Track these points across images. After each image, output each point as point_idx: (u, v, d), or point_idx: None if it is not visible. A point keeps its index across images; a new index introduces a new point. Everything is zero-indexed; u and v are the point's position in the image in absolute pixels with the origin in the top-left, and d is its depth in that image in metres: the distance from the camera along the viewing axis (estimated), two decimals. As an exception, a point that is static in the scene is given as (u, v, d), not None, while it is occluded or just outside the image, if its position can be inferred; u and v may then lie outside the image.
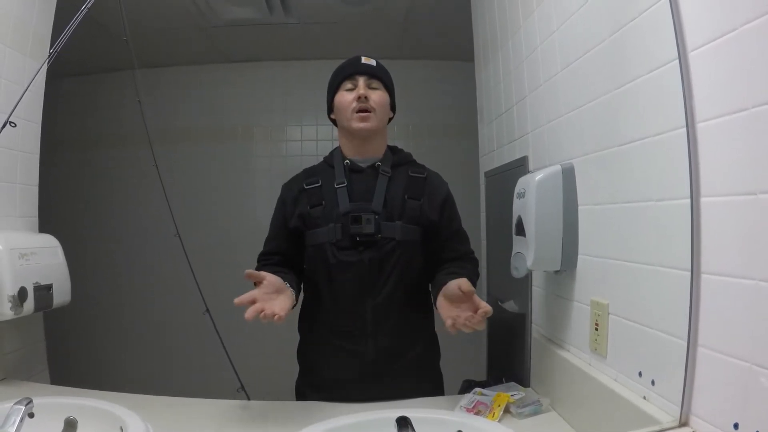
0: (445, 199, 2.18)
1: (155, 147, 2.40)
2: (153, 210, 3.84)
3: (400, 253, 2.06)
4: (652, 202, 1.38)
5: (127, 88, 4.14)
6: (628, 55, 1.45)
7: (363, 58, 2.17)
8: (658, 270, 1.36)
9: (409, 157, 2.25)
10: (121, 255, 4.69)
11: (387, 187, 2.10)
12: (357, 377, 2.06)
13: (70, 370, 2.82)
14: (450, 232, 2.18)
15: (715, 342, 1.18)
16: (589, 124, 1.67)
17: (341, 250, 2.04)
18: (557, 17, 1.84)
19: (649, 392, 1.39)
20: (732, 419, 1.10)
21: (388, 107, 2.17)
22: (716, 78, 1.16)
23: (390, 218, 2.06)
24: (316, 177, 2.16)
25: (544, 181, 1.78)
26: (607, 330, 1.58)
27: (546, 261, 1.80)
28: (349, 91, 2.11)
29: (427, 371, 2.24)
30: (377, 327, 2.05)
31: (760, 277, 1.04)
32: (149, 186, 2.59)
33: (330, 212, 2.07)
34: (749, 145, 1.07)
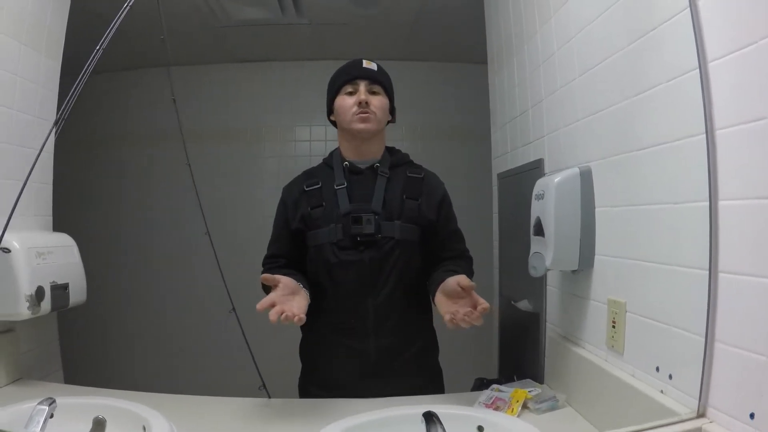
0: (442, 198, 2.23)
1: (168, 145, 2.43)
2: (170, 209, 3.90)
3: (400, 252, 2.10)
4: (669, 204, 1.43)
5: (141, 87, 4.22)
6: (648, 63, 1.50)
7: (364, 62, 2.20)
8: (675, 269, 1.41)
9: (406, 157, 2.29)
10: (140, 253, 4.69)
11: (386, 187, 2.15)
12: (359, 374, 2.10)
13: (87, 370, 2.84)
14: (447, 232, 2.23)
15: (732, 337, 1.24)
16: (607, 129, 1.72)
17: (342, 250, 2.08)
18: (575, 25, 1.89)
19: (666, 386, 1.44)
20: (748, 410, 1.16)
21: (387, 111, 2.21)
22: (735, 88, 1.22)
23: (389, 218, 2.11)
24: (315, 179, 2.20)
25: (563, 183, 1.84)
26: (624, 327, 1.64)
27: (564, 261, 1.85)
28: (349, 95, 2.14)
29: (428, 367, 2.28)
30: (379, 324, 2.10)
31: (774, 276, 1.10)
32: (168, 184, 2.62)
33: (330, 213, 2.11)
34: (766, 153, 1.13)
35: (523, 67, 2.40)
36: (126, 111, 4.67)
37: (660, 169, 1.47)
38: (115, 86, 4.58)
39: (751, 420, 1.15)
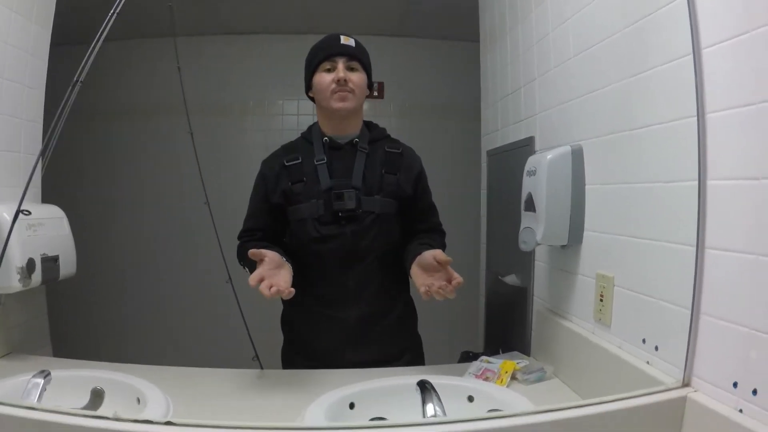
0: (419, 173, 2.26)
1: (163, 117, 2.44)
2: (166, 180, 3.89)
3: (380, 225, 2.14)
4: (661, 183, 1.49)
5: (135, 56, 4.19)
6: (645, 46, 1.54)
7: (342, 38, 2.20)
8: (664, 245, 1.47)
9: (384, 132, 2.32)
10: (135, 225, 4.65)
11: (365, 163, 2.18)
12: (342, 341, 2.15)
13: (76, 343, 2.84)
14: (423, 205, 2.28)
15: (717, 310, 1.30)
16: (602, 108, 1.77)
17: (323, 224, 2.11)
18: (571, 6, 1.93)
19: (652, 357, 1.51)
20: (732, 379, 1.22)
21: (365, 87, 2.22)
22: (727, 74, 1.27)
23: (369, 193, 2.14)
24: (295, 154, 2.21)
25: (555, 160, 1.88)
26: (611, 301, 1.70)
27: (554, 236, 1.91)
28: (328, 72, 2.14)
29: (407, 334, 2.34)
30: (359, 293, 2.15)
31: (761, 252, 1.16)
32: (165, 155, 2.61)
33: (311, 188, 2.14)
34: (755, 136, 1.18)
35: (517, 46, 2.43)
36: (122, 81, 4.61)
37: (653, 148, 1.52)
38: (111, 56, 4.56)
39: (734, 389, 1.21)
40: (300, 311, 2.22)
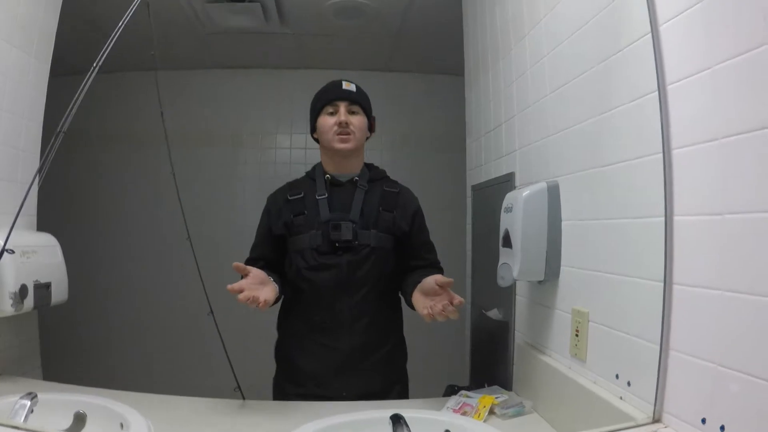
0: (415, 211, 2.37)
1: (152, 149, 2.48)
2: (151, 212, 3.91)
3: (375, 258, 2.23)
4: (630, 219, 1.50)
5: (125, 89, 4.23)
6: (613, 84, 1.57)
7: (344, 83, 2.32)
8: (634, 281, 1.48)
9: (383, 173, 2.43)
10: (121, 255, 4.70)
11: (363, 199, 2.28)
12: (334, 370, 2.21)
13: (65, 368, 2.85)
14: (419, 242, 2.37)
15: (685, 345, 1.30)
16: (574, 145, 1.79)
17: (321, 254, 2.20)
18: (547, 43, 1.96)
19: (625, 393, 1.51)
20: (700, 415, 1.22)
21: (366, 129, 2.34)
22: (691, 109, 1.29)
23: (366, 227, 2.24)
24: (298, 189, 2.33)
25: (531, 197, 1.90)
26: (587, 336, 1.70)
27: (531, 271, 1.92)
28: (330, 115, 2.28)
29: (396, 369, 2.39)
30: (352, 323, 2.22)
31: (726, 287, 1.17)
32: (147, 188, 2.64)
33: (312, 220, 2.23)
34: (718, 171, 1.20)
35: (498, 82, 2.47)
36: (111, 113, 4.65)
37: (622, 185, 1.54)
38: (102, 88, 4.58)
39: (702, 425, 1.21)
40: (294, 338, 2.29)
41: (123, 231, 4.73)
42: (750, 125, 1.10)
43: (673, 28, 1.35)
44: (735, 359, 1.14)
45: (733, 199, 1.16)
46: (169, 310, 4.54)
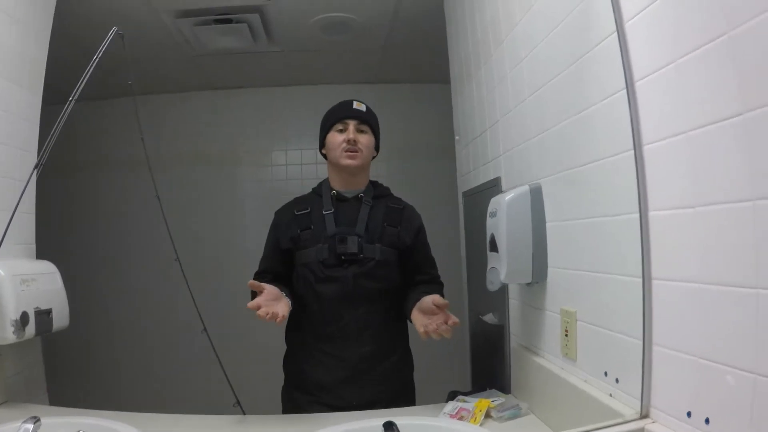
0: (419, 228, 2.43)
1: (145, 173, 2.50)
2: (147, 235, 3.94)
3: (380, 271, 2.28)
4: (609, 217, 1.52)
5: (115, 115, 4.25)
6: (585, 84, 1.59)
7: (355, 103, 2.38)
8: (616, 278, 1.50)
9: (387, 190, 2.49)
10: (119, 279, 4.72)
11: (369, 215, 2.33)
12: (343, 379, 2.25)
13: (70, 392, 2.86)
14: (421, 257, 2.43)
15: (668, 340, 1.31)
16: (554, 147, 1.81)
17: (328, 267, 2.25)
18: (524, 47, 1.98)
19: (614, 390, 1.52)
20: (686, 409, 1.23)
21: (373, 148, 2.40)
22: (659, 104, 1.31)
23: (371, 241, 2.28)
24: (305, 204, 2.38)
25: (514, 200, 1.92)
26: (575, 335, 1.71)
27: (518, 274, 1.93)
28: (340, 132, 2.33)
29: (403, 378, 2.44)
30: (360, 334, 2.26)
31: (702, 280, 1.18)
32: (141, 212, 2.66)
33: (318, 235, 2.28)
34: (688, 165, 1.21)
35: (481, 88, 2.49)
36: (103, 138, 4.70)
37: (599, 183, 1.56)
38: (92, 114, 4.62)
39: (688, 418, 1.22)
40: (302, 349, 2.34)
41: (120, 256, 4.78)
42: (715, 117, 1.11)
43: (637, 25, 1.37)
44: (716, 352, 1.15)
45: (703, 192, 1.17)
46: (169, 329, 4.54)
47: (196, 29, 3.67)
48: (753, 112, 1.01)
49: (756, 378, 1.03)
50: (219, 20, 3.59)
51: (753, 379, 1.04)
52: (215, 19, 3.58)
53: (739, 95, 1.05)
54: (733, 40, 1.05)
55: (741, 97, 1.04)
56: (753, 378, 1.04)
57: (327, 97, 2.61)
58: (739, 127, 1.05)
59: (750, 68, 1.02)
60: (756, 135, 1.01)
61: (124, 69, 2.35)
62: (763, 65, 0.99)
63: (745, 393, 1.05)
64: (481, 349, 2.74)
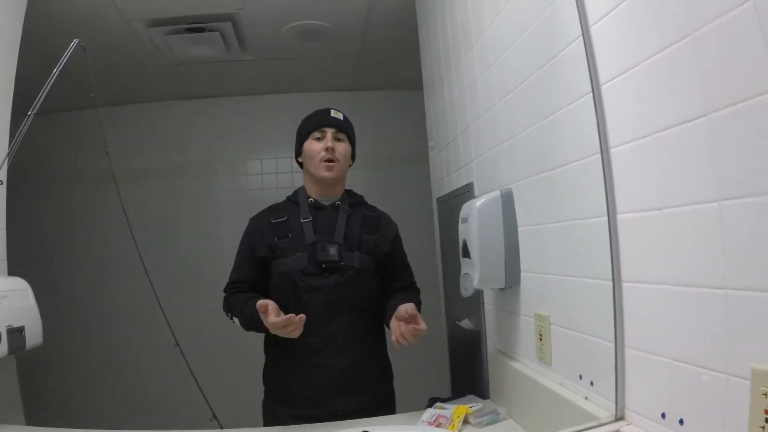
0: (395, 235, 2.42)
1: (119, 184, 2.48)
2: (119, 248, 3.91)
3: (360, 279, 2.26)
4: (578, 220, 1.52)
5: (89, 127, 4.22)
6: (553, 88, 1.60)
7: (332, 111, 2.38)
8: (587, 281, 1.50)
9: (362, 199, 2.48)
10: (88, 294, 4.66)
11: (346, 222, 2.31)
12: (325, 390, 2.22)
13: (45, 411, 2.83)
14: (399, 265, 2.43)
15: (639, 342, 1.32)
16: (524, 152, 1.82)
17: (308, 276, 2.22)
18: (493, 52, 1.99)
19: (589, 393, 1.52)
20: (660, 410, 1.23)
21: (349, 156, 2.39)
22: (625, 107, 1.31)
23: (350, 249, 2.27)
24: (282, 213, 2.35)
25: (485, 206, 1.92)
26: (550, 339, 1.71)
27: (491, 279, 1.93)
28: (317, 140, 2.32)
29: (384, 388, 2.42)
30: (343, 343, 2.23)
31: (671, 281, 1.18)
32: (114, 224, 2.64)
33: (297, 243, 2.25)
34: (654, 167, 1.21)
35: (453, 94, 2.50)
36: (79, 151, 4.65)
37: (569, 187, 1.56)
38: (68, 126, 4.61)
39: (662, 419, 1.22)
40: (284, 360, 2.29)
41: (88, 272, 4.72)
42: (680, 119, 1.12)
43: (603, 29, 1.38)
44: (688, 353, 1.15)
45: (670, 193, 1.17)
46: (139, 346, 4.51)
47: (168, 38, 3.66)
48: (718, 112, 1.02)
49: (727, 378, 1.03)
50: (191, 29, 3.58)
51: (725, 379, 1.04)
52: (187, 28, 3.56)
53: (704, 96, 1.05)
54: (697, 42, 1.06)
55: (705, 98, 1.04)
56: (725, 378, 1.04)
57: (301, 105, 2.60)
58: (705, 128, 1.05)
59: (714, 69, 1.02)
60: (721, 135, 1.02)
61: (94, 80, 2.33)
62: (726, 66, 1.00)
63: (718, 393, 1.06)
64: (459, 354, 2.74)
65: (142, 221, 2.42)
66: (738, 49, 0.97)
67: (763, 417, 0.92)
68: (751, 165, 0.95)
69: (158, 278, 2.50)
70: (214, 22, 3.53)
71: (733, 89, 0.98)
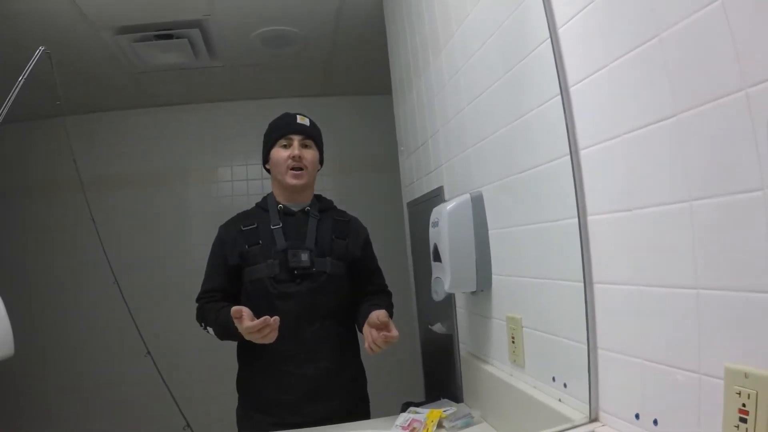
0: (366, 239, 2.43)
1: (89, 194, 2.46)
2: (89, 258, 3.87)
3: (332, 284, 2.26)
4: (549, 222, 1.52)
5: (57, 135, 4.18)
6: (522, 91, 1.60)
7: (298, 117, 2.36)
8: (559, 283, 1.50)
9: (331, 203, 2.47)
10: (58, 304, 4.61)
11: (317, 228, 2.31)
12: (299, 396, 2.21)
13: (19, 423, 2.80)
14: (370, 269, 2.44)
15: (611, 343, 1.32)
16: (493, 155, 1.81)
17: (280, 282, 2.21)
18: (462, 56, 1.99)
19: (563, 395, 1.51)
20: (634, 411, 1.23)
21: (317, 162, 2.39)
22: (594, 109, 1.31)
23: (321, 254, 2.27)
24: (251, 219, 2.34)
25: (455, 210, 1.92)
26: (522, 342, 1.71)
27: (462, 283, 1.93)
28: (284, 148, 2.31)
29: (358, 393, 2.42)
30: (316, 350, 2.23)
31: (641, 282, 1.18)
32: (83, 234, 2.62)
33: (268, 250, 2.24)
34: (623, 168, 1.21)
35: (422, 98, 2.50)
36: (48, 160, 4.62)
37: (539, 189, 1.56)
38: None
39: (637, 420, 1.22)
40: (258, 368, 2.27)
41: (58, 282, 4.68)
42: (649, 120, 1.12)
43: (570, 31, 1.38)
44: (661, 353, 1.15)
45: (639, 194, 1.17)
46: (111, 356, 4.46)
47: (135, 46, 3.63)
48: (686, 113, 1.02)
49: (701, 378, 1.03)
50: (159, 36, 3.55)
51: (698, 378, 1.03)
52: (155, 34, 3.54)
53: (672, 97, 1.05)
54: (664, 43, 1.06)
55: (673, 99, 1.05)
56: (698, 378, 1.04)
57: (271, 111, 2.58)
58: (673, 128, 1.05)
59: (681, 70, 1.03)
60: (689, 136, 1.02)
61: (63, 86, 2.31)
62: (693, 67, 1.00)
63: (692, 393, 1.05)
64: (432, 358, 2.74)
65: (113, 230, 2.40)
66: (705, 50, 0.97)
67: (737, 416, 0.92)
68: (721, 164, 0.95)
69: (129, 287, 2.48)
70: (183, 29, 3.51)
71: (701, 89, 0.98)
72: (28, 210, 4.73)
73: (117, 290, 2.31)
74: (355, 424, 2.12)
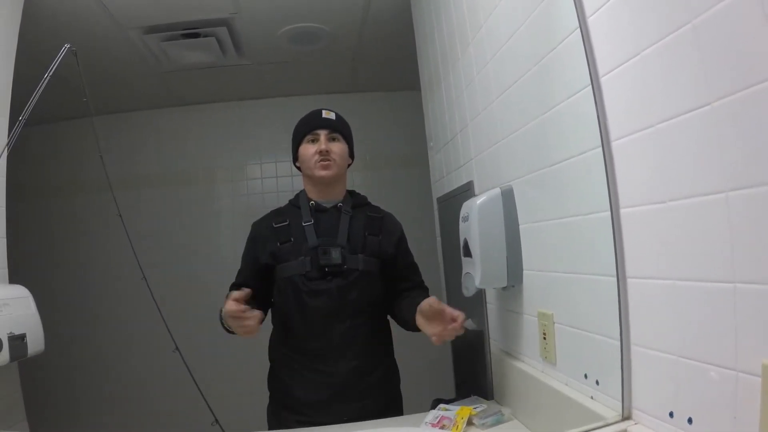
0: (400, 236, 2.39)
1: (117, 193, 2.47)
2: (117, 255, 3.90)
3: (364, 282, 2.23)
4: (581, 216, 1.49)
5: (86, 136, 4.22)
6: (551, 82, 1.57)
7: (324, 112, 2.35)
8: (591, 278, 1.47)
9: (365, 199, 2.45)
10: (86, 301, 4.67)
11: (349, 224, 2.28)
12: (329, 396, 2.20)
13: (48, 418, 2.83)
14: (405, 265, 2.39)
15: (645, 339, 1.28)
16: (524, 148, 1.79)
17: (311, 280, 2.19)
18: (490, 48, 1.96)
19: (595, 392, 1.49)
20: (668, 409, 1.20)
21: (347, 156, 2.36)
22: (626, 99, 1.28)
23: (353, 252, 2.24)
24: (283, 217, 2.33)
25: (485, 204, 1.90)
26: (554, 338, 1.69)
27: (493, 278, 1.91)
28: (311, 143, 2.30)
29: (390, 391, 2.39)
30: (346, 348, 2.21)
31: (676, 276, 1.15)
32: (112, 232, 2.64)
33: (299, 247, 2.23)
34: (656, 158, 1.18)
35: (450, 92, 2.48)
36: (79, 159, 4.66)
37: (571, 182, 1.53)
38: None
39: (671, 419, 1.19)
40: (288, 366, 2.27)
41: (88, 279, 4.74)
42: (682, 108, 1.08)
43: (600, 19, 1.35)
44: (696, 350, 1.11)
45: (673, 186, 1.14)
46: (141, 352, 4.50)
47: (164, 45, 3.65)
48: (721, 101, 0.99)
49: (737, 375, 1.00)
50: (186, 35, 3.57)
51: (734, 376, 1.01)
52: (183, 33, 3.55)
53: (706, 85, 1.02)
54: (697, 29, 1.03)
55: (708, 86, 1.01)
56: (734, 375, 1.01)
57: (299, 108, 2.57)
58: (708, 117, 1.02)
59: (715, 57, 1.00)
60: (725, 124, 0.99)
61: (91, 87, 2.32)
62: (728, 53, 0.97)
63: (727, 390, 1.02)
64: (462, 355, 2.71)
65: (141, 228, 2.41)
66: (740, 36, 0.94)
67: (776, 415, 0.90)
68: (759, 153, 0.92)
69: (158, 284, 2.49)
70: (210, 27, 3.52)
71: (736, 76, 0.95)
72: (57, 209, 4.79)
73: (145, 286, 2.31)
74: (384, 421, 2.11)
